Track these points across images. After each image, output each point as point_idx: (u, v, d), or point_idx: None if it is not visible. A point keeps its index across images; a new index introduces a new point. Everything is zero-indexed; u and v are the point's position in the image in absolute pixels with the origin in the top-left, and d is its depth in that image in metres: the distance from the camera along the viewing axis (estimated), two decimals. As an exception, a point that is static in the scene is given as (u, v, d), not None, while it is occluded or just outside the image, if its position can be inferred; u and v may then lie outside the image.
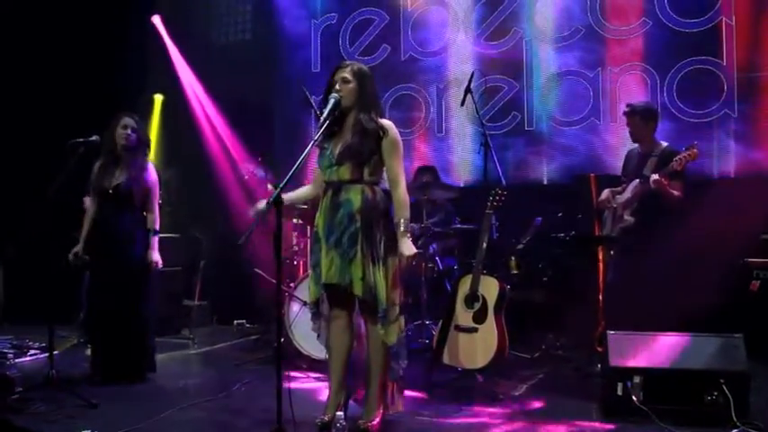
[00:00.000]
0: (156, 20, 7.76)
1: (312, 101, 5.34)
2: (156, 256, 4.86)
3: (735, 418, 3.65)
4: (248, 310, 7.18)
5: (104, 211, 4.84)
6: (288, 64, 7.47)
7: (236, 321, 7.09)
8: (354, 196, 3.56)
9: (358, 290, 3.52)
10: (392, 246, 3.56)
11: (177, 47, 7.75)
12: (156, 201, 4.97)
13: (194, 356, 5.91)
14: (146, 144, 5.02)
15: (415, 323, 5.60)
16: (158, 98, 7.86)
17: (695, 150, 4.48)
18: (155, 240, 4.90)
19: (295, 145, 6.93)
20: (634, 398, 3.83)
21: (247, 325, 7.05)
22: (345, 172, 3.58)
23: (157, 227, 4.94)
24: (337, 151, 3.59)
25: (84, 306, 5.40)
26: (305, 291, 4.37)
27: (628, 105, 5.00)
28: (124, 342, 4.79)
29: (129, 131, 4.83)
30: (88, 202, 5.02)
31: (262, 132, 7.33)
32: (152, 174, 4.96)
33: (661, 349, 3.95)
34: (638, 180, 4.76)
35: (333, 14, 7.41)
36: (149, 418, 3.94)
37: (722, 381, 3.74)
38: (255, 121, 7.43)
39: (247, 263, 6.31)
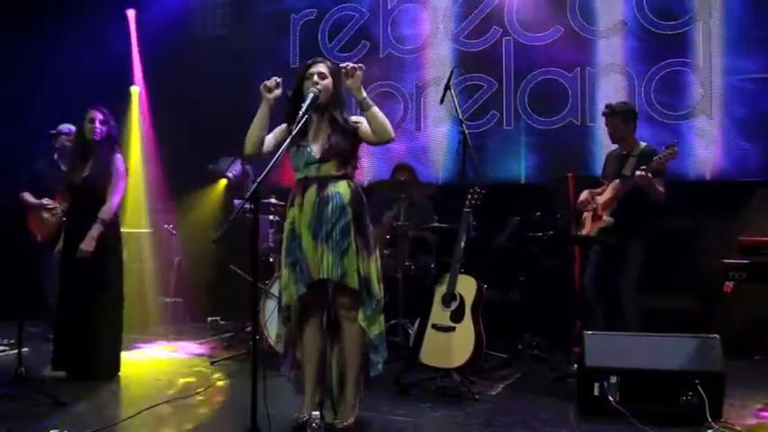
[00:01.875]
0: (130, 13, 7.66)
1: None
2: (87, 245, 4.62)
3: (709, 419, 3.67)
4: (223, 307, 7.10)
5: (74, 204, 4.79)
6: (265, 59, 7.39)
7: (210, 318, 7.02)
8: (344, 189, 3.57)
9: (353, 282, 3.49)
10: (375, 238, 3.65)
11: (152, 42, 7.65)
12: (118, 192, 4.81)
13: (168, 354, 5.82)
14: (113, 137, 4.94)
15: (391, 322, 5.57)
16: (135, 90, 7.74)
17: (675, 149, 4.51)
18: (95, 228, 4.65)
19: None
20: (610, 398, 3.84)
21: (222, 322, 6.98)
22: (331, 168, 3.58)
23: (106, 217, 4.70)
24: (320, 149, 3.58)
25: (51, 294, 5.31)
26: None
27: (607, 106, 5.00)
28: (93, 337, 4.72)
29: (96, 125, 4.77)
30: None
31: (237, 129, 7.23)
32: (119, 166, 4.84)
33: (637, 349, 3.96)
34: (617, 180, 4.76)
35: (312, 10, 7.34)
36: (121, 417, 3.87)
37: (697, 381, 3.76)
38: (231, 117, 7.32)
39: (222, 259, 6.23)
